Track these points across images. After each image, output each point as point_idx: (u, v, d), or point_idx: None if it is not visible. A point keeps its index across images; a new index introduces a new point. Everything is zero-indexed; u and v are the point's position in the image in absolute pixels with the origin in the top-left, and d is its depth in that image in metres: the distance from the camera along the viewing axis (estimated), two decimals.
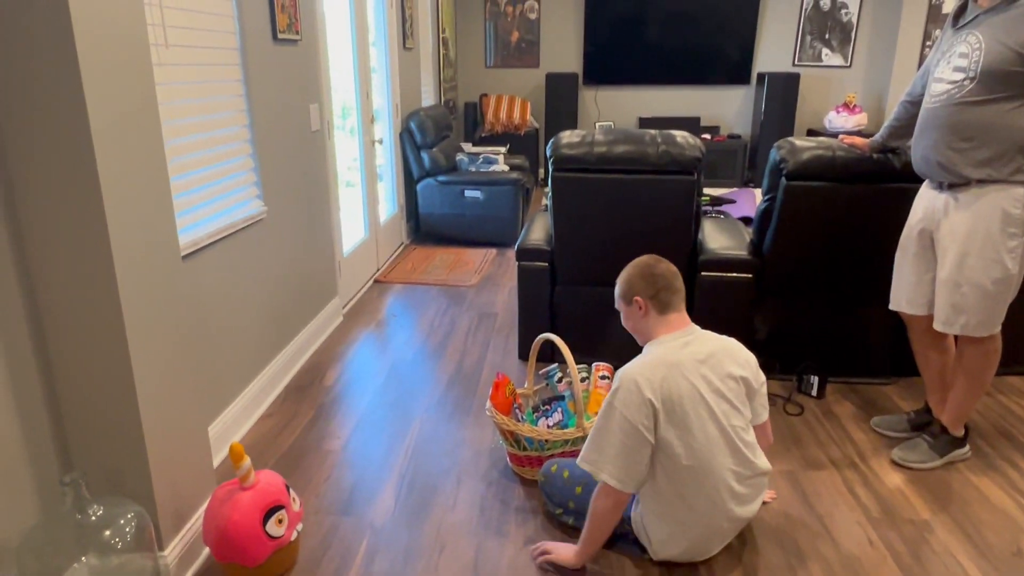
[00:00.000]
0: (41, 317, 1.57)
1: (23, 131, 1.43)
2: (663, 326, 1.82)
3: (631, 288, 1.84)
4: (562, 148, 2.79)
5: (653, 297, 1.81)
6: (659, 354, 1.75)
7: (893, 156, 2.56)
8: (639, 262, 1.87)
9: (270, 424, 2.64)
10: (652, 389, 1.69)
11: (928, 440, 2.36)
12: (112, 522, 1.53)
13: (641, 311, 1.83)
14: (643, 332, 1.87)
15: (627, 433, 1.69)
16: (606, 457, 1.71)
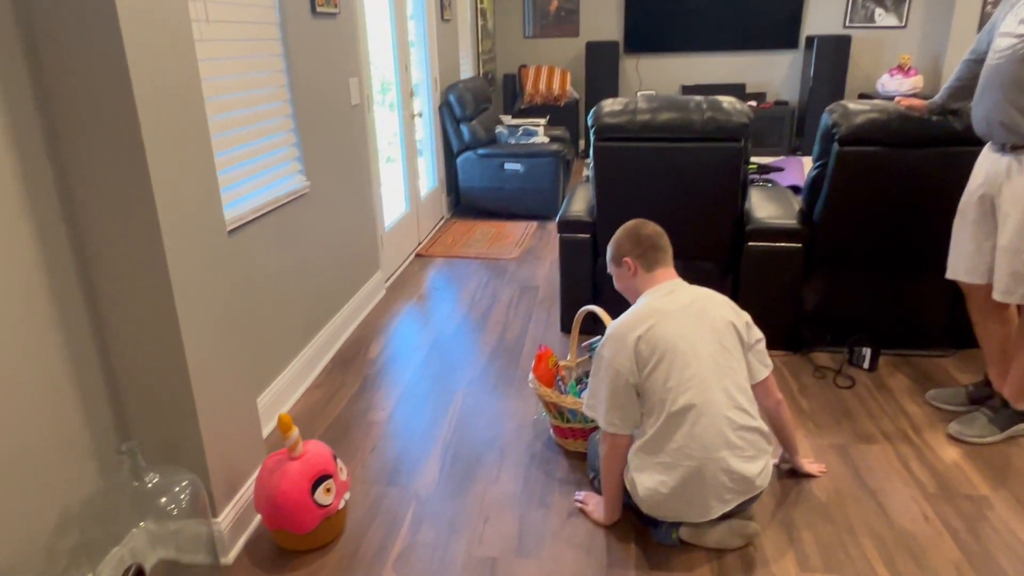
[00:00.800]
0: (96, 295, 1.61)
1: (72, 111, 1.45)
2: (650, 282, 1.90)
3: (620, 250, 1.93)
4: (604, 117, 2.74)
5: (640, 256, 1.90)
6: (645, 303, 1.84)
7: (953, 118, 2.44)
8: (626, 226, 1.95)
9: (317, 396, 2.68)
10: (637, 335, 1.76)
11: (988, 414, 2.27)
12: (167, 489, 1.58)
13: (631, 271, 1.92)
14: (633, 291, 1.95)
15: (613, 378, 1.78)
16: (599, 400, 1.82)
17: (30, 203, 1.44)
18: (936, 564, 1.76)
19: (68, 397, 1.55)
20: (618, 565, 1.79)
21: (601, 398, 1.82)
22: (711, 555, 1.82)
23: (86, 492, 1.62)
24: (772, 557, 1.80)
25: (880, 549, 1.82)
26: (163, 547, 1.70)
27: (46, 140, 1.46)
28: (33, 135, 1.43)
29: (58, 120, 1.47)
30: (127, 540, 1.69)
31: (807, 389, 2.61)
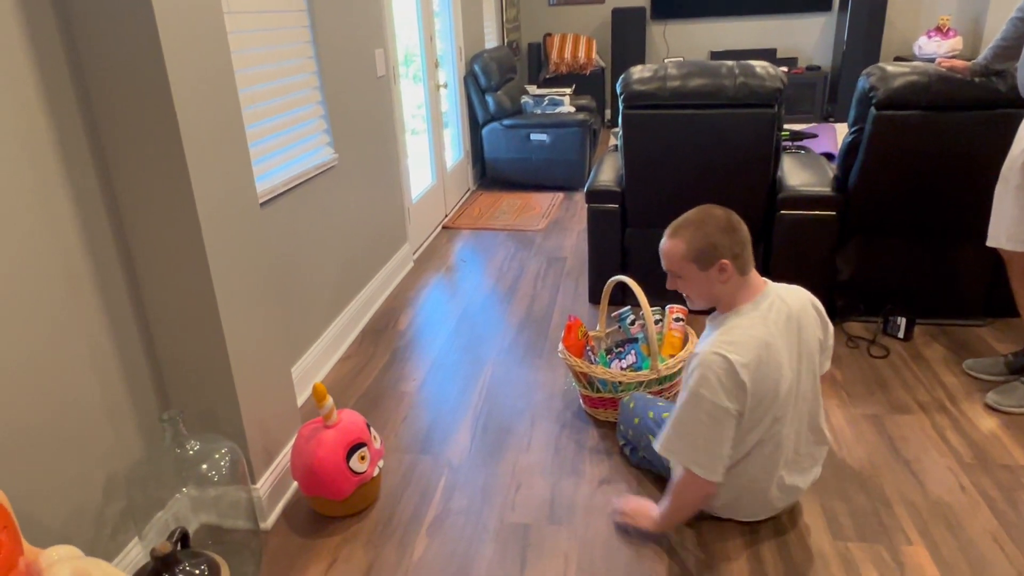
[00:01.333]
0: (134, 268, 1.64)
1: (106, 85, 1.46)
2: (743, 289, 1.60)
3: (715, 248, 1.55)
4: (633, 84, 2.69)
5: (738, 257, 1.56)
6: (747, 329, 1.55)
7: (997, 79, 2.35)
8: (711, 216, 1.58)
9: (348, 366, 2.72)
10: (747, 372, 1.52)
11: None
12: (208, 456, 1.62)
13: (725, 275, 1.57)
14: (717, 298, 1.63)
15: (718, 420, 1.54)
16: (696, 448, 1.56)
17: (69, 179, 1.46)
18: (972, 534, 1.75)
19: (111, 369, 1.59)
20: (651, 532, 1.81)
21: (699, 445, 1.56)
22: (743, 524, 1.82)
23: (131, 460, 1.66)
24: (805, 525, 1.80)
25: (915, 519, 1.81)
26: (205, 512, 1.75)
27: (82, 113, 1.48)
28: (69, 108, 1.45)
29: (93, 93, 1.48)
30: (171, 505, 1.74)
31: (840, 359, 2.58)
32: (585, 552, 1.75)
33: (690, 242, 1.58)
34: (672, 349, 2.26)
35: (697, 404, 1.55)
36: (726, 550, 1.74)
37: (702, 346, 1.59)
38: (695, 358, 1.57)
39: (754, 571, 1.67)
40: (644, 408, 1.98)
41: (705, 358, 1.53)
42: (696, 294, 1.65)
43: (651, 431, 1.91)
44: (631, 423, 2.00)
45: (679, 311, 2.34)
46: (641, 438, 1.96)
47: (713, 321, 1.67)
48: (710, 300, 1.64)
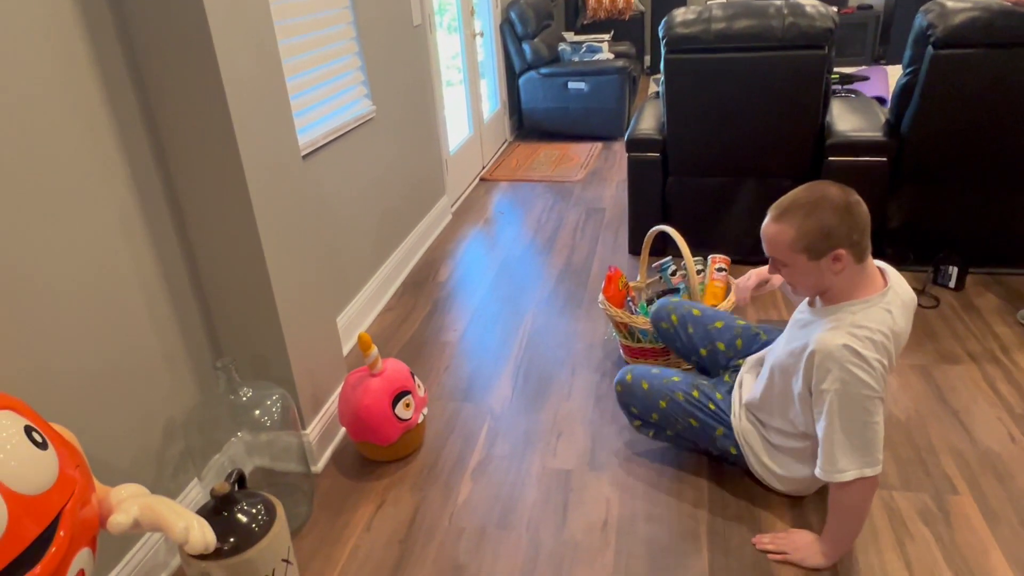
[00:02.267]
0: (184, 221, 1.67)
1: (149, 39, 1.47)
2: (862, 280, 1.41)
3: (830, 236, 1.35)
4: (676, 27, 2.61)
5: (855, 245, 1.36)
6: (882, 320, 1.39)
7: None
8: (826, 197, 1.35)
9: (391, 317, 2.76)
10: (889, 360, 1.40)
11: None
12: (260, 403, 1.68)
13: (839, 264, 1.37)
14: (826, 289, 1.44)
15: (872, 411, 1.39)
16: (867, 448, 1.40)
17: (120, 134, 1.49)
18: (1022, 484, 1.72)
19: (166, 318, 1.64)
20: (690, 478, 1.82)
21: (878, 445, 1.40)
22: None
23: (188, 405, 1.73)
24: None
25: (962, 469, 1.79)
26: (259, 456, 1.83)
27: (128, 71, 1.50)
28: (116, 66, 1.47)
29: (138, 49, 1.49)
30: (226, 449, 1.81)
31: None
32: (626, 499, 1.78)
33: (800, 228, 1.37)
34: (714, 300, 2.24)
35: (851, 404, 1.38)
36: (768, 498, 1.75)
37: (819, 334, 1.40)
38: (822, 357, 1.39)
39: (796, 516, 1.68)
40: (668, 390, 1.78)
41: (840, 350, 1.36)
42: (803, 285, 1.45)
43: (692, 414, 1.75)
44: (655, 407, 1.78)
45: (722, 261, 2.31)
46: (676, 421, 1.77)
47: (822, 312, 1.47)
48: (818, 291, 1.47)
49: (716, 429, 1.74)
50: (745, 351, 1.89)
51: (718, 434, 1.74)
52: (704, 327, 1.94)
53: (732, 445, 1.73)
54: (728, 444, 1.73)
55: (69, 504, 0.97)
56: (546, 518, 1.74)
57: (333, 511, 1.81)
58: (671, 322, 1.98)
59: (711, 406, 1.75)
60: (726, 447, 1.74)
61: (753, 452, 1.70)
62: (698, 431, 1.76)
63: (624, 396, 1.84)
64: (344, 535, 1.74)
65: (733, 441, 1.72)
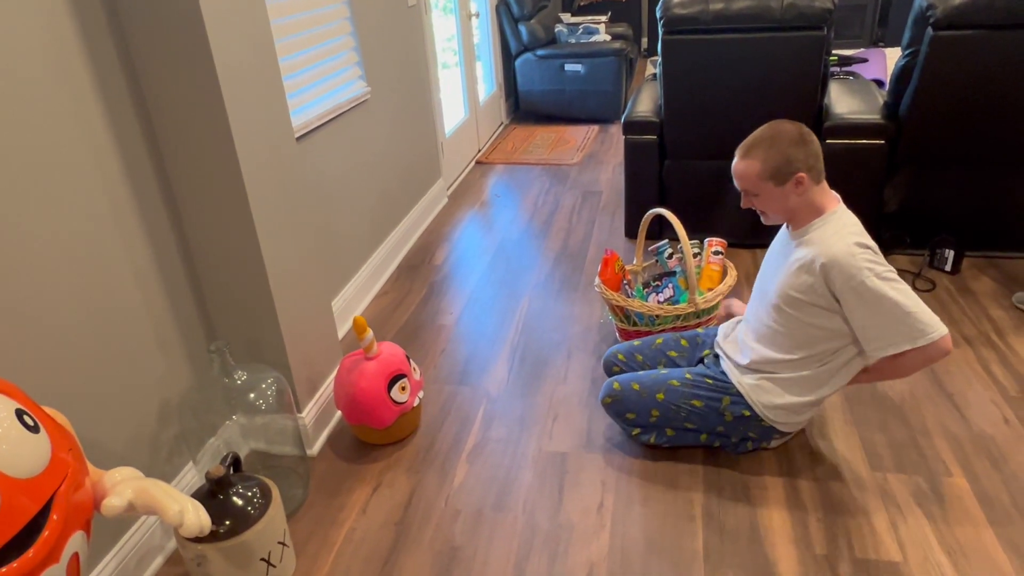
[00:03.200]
0: (177, 204, 1.65)
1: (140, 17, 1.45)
2: (826, 197, 1.61)
3: (790, 162, 1.55)
4: (674, 8, 2.58)
5: (812, 168, 1.57)
6: (855, 221, 1.57)
7: None
8: (782, 131, 1.57)
9: (386, 301, 2.75)
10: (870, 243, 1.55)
11: None
12: (255, 386, 1.67)
13: (801, 187, 1.57)
14: (793, 211, 1.62)
15: (904, 288, 1.52)
16: (919, 320, 1.49)
17: (109, 115, 1.47)
18: (1016, 467, 1.73)
19: (158, 300, 1.63)
20: (685, 460, 1.83)
21: (910, 305, 1.49)
22: (779, 454, 1.83)
23: (182, 388, 1.72)
24: (843, 457, 1.80)
25: (956, 451, 1.79)
26: (254, 439, 1.82)
27: (118, 51, 1.47)
28: (106, 48, 1.44)
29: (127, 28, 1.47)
30: (221, 432, 1.81)
31: None
32: (621, 481, 1.79)
33: (765, 160, 1.57)
34: (710, 283, 2.24)
35: (887, 288, 1.50)
36: (762, 477, 1.75)
37: (820, 247, 1.54)
38: (836, 263, 1.51)
39: (790, 499, 1.69)
40: (662, 380, 1.81)
41: (853, 251, 1.50)
42: (773, 209, 1.64)
43: (693, 395, 1.77)
44: (652, 403, 1.78)
45: (718, 244, 2.30)
46: (678, 409, 1.77)
47: (801, 236, 1.62)
48: (786, 215, 1.64)
49: (723, 399, 1.75)
50: (696, 347, 1.97)
51: (726, 403, 1.75)
52: (649, 348, 2.00)
53: (744, 408, 1.74)
54: (739, 409, 1.74)
55: (62, 487, 0.97)
56: (542, 500, 1.74)
57: (329, 494, 1.82)
58: (620, 361, 2.00)
59: (708, 380, 1.78)
60: (737, 413, 1.74)
61: (763, 403, 1.72)
62: (703, 411, 1.76)
63: (616, 405, 1.82)
64: (340, 518, 1.74)
65: (744, 404, 1.74)
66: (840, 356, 1.66)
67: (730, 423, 1.76)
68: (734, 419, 1.75)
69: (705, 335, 1.99)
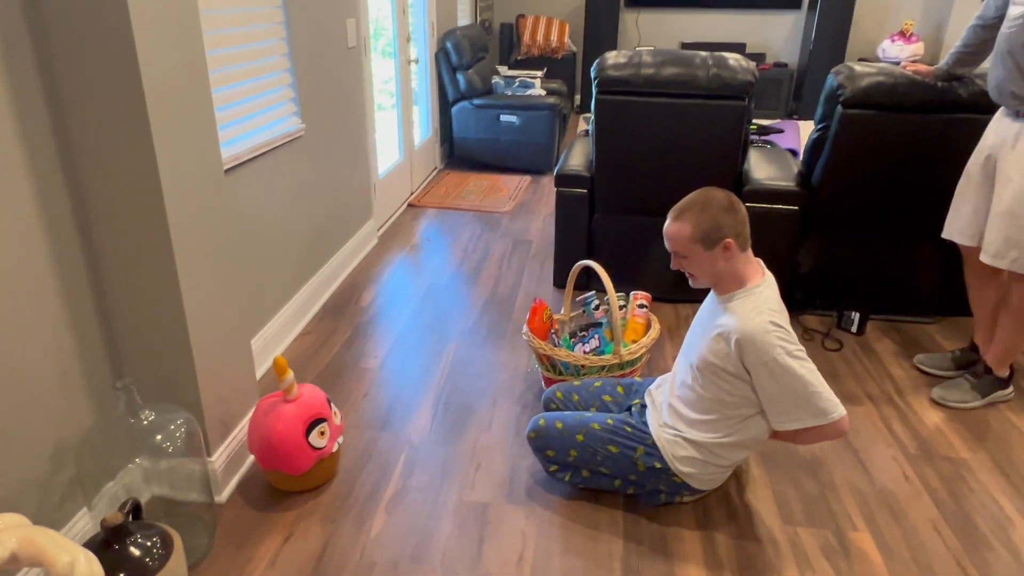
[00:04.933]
0: (92, 231, 1.57)
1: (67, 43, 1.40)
2: (750, 267, 1.67)
3: (720, 228, 1.60)
4: (608, 69, 2.69)
5: (740, 235, 1.62)
6: (775, 298, 1.64)
7: (959, 84, 2.42)
8: (713, 198, 1.63)
9: (309, 341, 2.68)
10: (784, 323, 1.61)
11: (971, 380, 2.32)
12: (163, 427, 1.58)
13: (728, 252, 1.63)
14: (719, 276, 1.67)
15: (810, 368, 1.59)
16: (819, 398, 1.57)
17: (25, 140, 1.39)
18: (915, 522, 1.82)
19: (62, 332, 1.53)
20: (606, 513, 1.83)
21: (811, 391, 1.57)
22: (696, 507, 1.86)
23: (82, 427, 1.61)
24: (756, 510, 1.85)
25: (861, 506, 1.87)
26: (157, 484, 1.71)
27: (40, 75, 1.41)
28: (27, 69, 1.38)
29: (53, 53, 1.41)
30: (121, 476, 1.69)
31: None
32: (542, 532, 1.77)
33: (696, 224, 1.62)
34: (635, 335, 2.28)
35: (797, 366, 1.56)
36: (680, 532, 1.77)
37: (738, 321, 1.59)
38: (750, 339, 1.57)
39: (707, 552, 1.71)
40: (584, 423, 1.84)
41: (768, 329, 1.56)
42: (700, 273, 1.69)
43: (610, 440, 1.80)
44: (572, 443, 1.81)
45: (643, 298, 2.37)
46: (595, 452, 1.80)
47: (726, 303, 1.68)
48: (713, 279, 1.69)
49: (636, 449, 1.78)
50: (630, 395, 2.00)
51: (639, 453, 1.78)
52: (587, 390, 2.05)
53: (656, 460, 1.77)
54: (652, 460, 1.77)
55: None
56: (461, 552, 1.70)
57: (236, 544, 1.72)
58: (557, 399, 2.05)
59: (627, 429, 1.81)
60: (649, 464, 1.77)
61: (675, 457, 1.75)
62: (618, 457, 1.79)
63: (538, 441, 1.85)
64: (247, 570, 1.64)
65: (657, 456, 1.77)
66: (750, 423, 1.71)
67: (642, 473, 1.79)
68: (646, 469, 1.78)
69: (641, 384, 2.03)
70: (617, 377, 2.18)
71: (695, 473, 1.76)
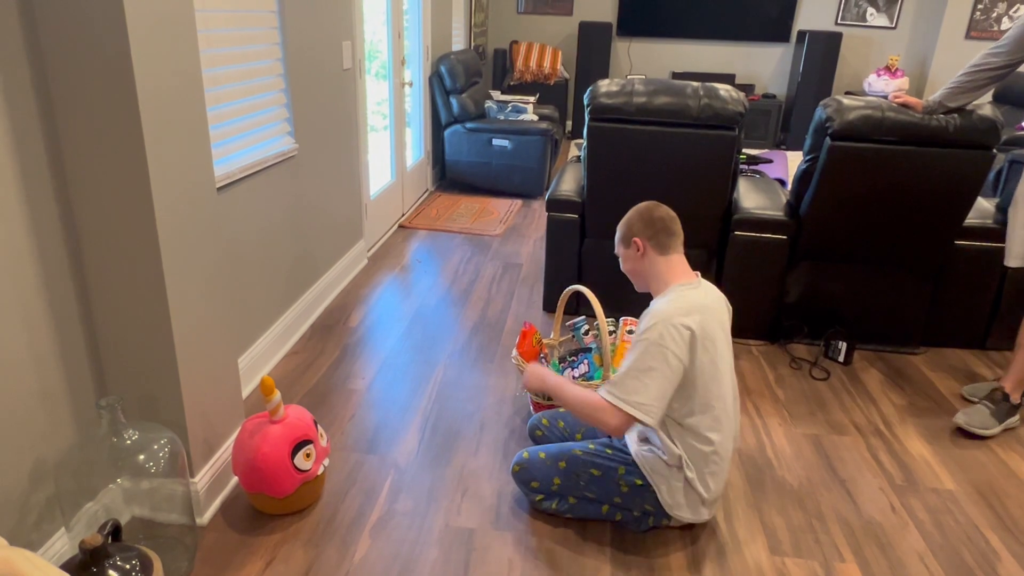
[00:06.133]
0: (80, 247, 1.56)
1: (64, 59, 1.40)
2: (669, 270, 1.77)
3: (630, 229, 1.81)
4: (600, 97, 2.72)
5: (652, 238, 1.78)
6: (688, 297, 1.70)
7: (946, 118, 2.45)
8: (638, 207, 1.84)
9: (296, 361, 2.66)
10: (689, 324, 1.65)
11: (989, 406, 2.34)
12: (146, 447, 1.56)
13: (639, 252, 1.79)
14: (643, 274, 1.81)
15: (673, 369, 1.64)
16: (649, 396, 1.63)
17: (17, 155, 1.39)
18: (901, 554, 1.81)
19: (46, 349, 1.51)
20: (593, 541, 1.82)
21: (652, 393, 1.63)
22: (684, 536, 1.85)
23: (63, 446, 1.58)
24: (744, 540, 1.84)
25: (848, 537, 1.87)
26: (138, 505, 1.68)
27: (35, 89, 1.41)
28: (22, 87, 1.38)
29: (49, 70, 1.41)
30: (101, 496, 1.66)
31: (783, 379, 2.66)
32: (528, 559, 1.75)
33: (619, 228, 1.86)
34: None
35: (654, 354, 1.64)
36: (668, 561, 1.76)
37: (654, 309, 1.69)
38: (650, 317, 1.67)
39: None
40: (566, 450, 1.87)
41: (656, 315, 1.66)
42: (630, 274, 1.85)
43: (592, 463, 1.82)
44: (555, 471, 1.84)
45: (633, 324, 2.37)
46: (578, 477, 1.82)
47: (655, 302, 1.76)
48: (638, 279, 1.84)
49: (618, 468, 1.80)
50: None
51: (621, 472, 1.79)
52: (572, 416, 2.07)
53: (637, 477, 1.78)
54: (633, 478, 1.78)
55: None
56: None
57: (217, 568, 1.69)
58: (543, 426, 2.09)
59: (609, 451, 1.84)
60: (631, 482, 1.78)
61: (657, 473, 1.77)
62: (601, 479, 1.80)
63: (522, 473, 1.88)
64: None
65: (637, 473, 1.78)
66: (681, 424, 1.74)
67: (626, 494, 1.79)
68: (629, 489, 1.78)
69: None
70: None
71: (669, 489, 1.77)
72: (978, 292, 2.81)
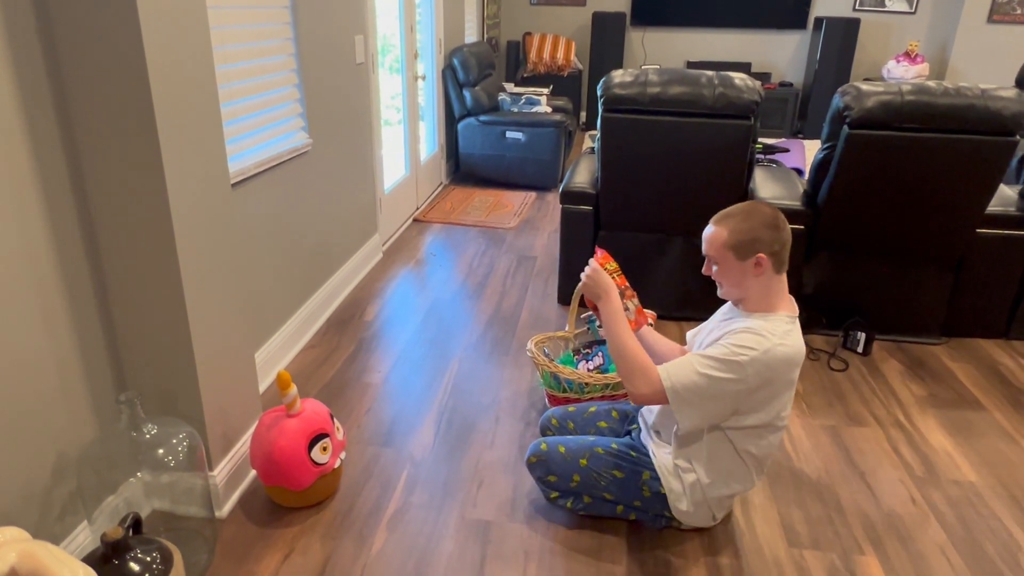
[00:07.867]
0: (98, 243, 1.58)
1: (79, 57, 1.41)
2: (781, 291, 1.61)
3: (756, 241, 1.55)
4: (614, 87, 2.70)
5: (776, 254, 1.56)
6: (795, 340, 1.56)
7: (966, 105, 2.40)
8: (758, 210, 1.57)
9: (312, 355, 2.67)
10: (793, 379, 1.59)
11: None
12: (165, 441, 1.57)
13: (759, 268, 1.57)
14: (746, 287, 1.60)
15: (736, 405, 1.58)
16: (699, 416, 1.58)
17: (35, 152, 1.40)
18: (922, 546, 1.79)
19: (67, 345, 1.53)
20: (610, 532, 1.81)
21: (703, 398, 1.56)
22: (700, 530, 1.84)
23: (83, 441, 1.61)
24: (761, 533, 1.83)
25: (867, 529, 1.85)
26: (158, 498, 1.71)
27: (51, 87, 1.42)
28: (38, 84, 1.39)
29: (64, 68, 1.42)
30: (122, 490, 1.68)
31: (802, 371, 2.63)
32: (545, 552, 1.75)
33: (732, 231, 1.57)
34: None
35: (735, 388, 1.54)
36: (684, 553, 1.75)
37: (761, 333, 1.54)
38: (752, 338, 1.53)
39: (711, 573, 1.69)
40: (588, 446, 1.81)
41: (770, 361, 1.52)
42: (729, 282, 1.63)
43: (616, 464, 1.76)
44: (575, 467, 1.77)
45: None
46: (599, 477, 1.76)
47: (747, 316, 1.62)
48: (740, 292, 1.62)
49: (643, 473, 1.75)
50: (626, 420, 1.98)
51: (645, 477, 1.74)
52: (582, 416, 2.01)
53: (661, 486, 1.74)
54: (657, 486, 1.74)
55: None
56: (463, 571, 1.68)
57: (236, 560, 1.70)
58: (553, 425, 2.02)
59: (633, 454, 1.78)
60: (655, 488, 1.74)
61: (673, 490, 1.73)
62: (623, 482, 1.75)
63: (539, 466, 1.79)
64: None
65: (661, 482, 1.74)
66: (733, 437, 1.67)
67: (647, 499, 1.76)
68: (652, 495, 1.75)
69: (636, 409, 2.00)
70: (620, 396, 2.17)
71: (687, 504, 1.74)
72: (1001, 281, 2.77)
